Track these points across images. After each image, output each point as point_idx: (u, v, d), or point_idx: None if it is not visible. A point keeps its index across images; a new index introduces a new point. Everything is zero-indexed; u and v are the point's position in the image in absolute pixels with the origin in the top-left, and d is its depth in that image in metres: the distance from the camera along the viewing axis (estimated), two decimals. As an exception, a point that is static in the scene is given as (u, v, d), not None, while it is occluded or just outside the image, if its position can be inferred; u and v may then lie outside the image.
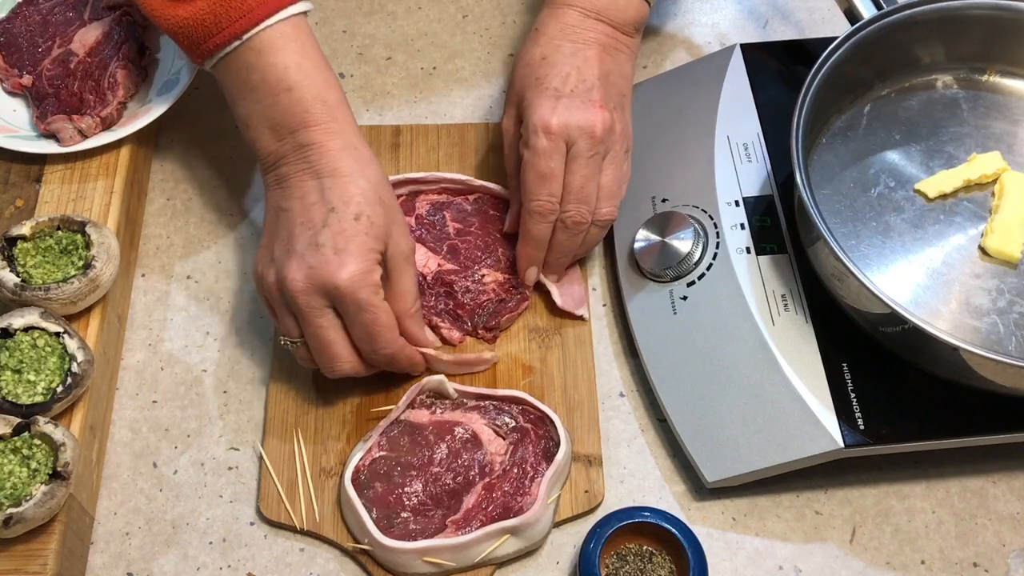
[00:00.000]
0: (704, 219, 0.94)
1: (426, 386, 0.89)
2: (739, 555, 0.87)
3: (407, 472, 0.86)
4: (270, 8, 0.85)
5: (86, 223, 0.89)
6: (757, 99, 0.99)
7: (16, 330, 0.84)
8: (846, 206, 0.92)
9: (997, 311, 0.86)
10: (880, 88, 0.98)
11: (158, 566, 0.86)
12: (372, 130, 1.05)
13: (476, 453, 0.87)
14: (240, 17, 0.84)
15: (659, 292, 0.93)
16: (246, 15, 0.84)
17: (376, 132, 1.05)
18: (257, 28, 0.85)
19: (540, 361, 0.94)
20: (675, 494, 0.89)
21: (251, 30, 0.85)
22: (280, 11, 0.85)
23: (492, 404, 0.90)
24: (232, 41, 0.85)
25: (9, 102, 1.01)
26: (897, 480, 0.90)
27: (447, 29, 1.15)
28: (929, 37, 0.96)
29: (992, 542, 0.87)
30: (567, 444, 0.87)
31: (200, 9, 0.85)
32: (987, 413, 0.85)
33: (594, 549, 0.82)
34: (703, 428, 0.88)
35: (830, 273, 0.85)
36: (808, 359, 0.86)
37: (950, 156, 0.94)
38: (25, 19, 1.02)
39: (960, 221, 0.91)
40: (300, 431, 0.90)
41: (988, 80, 0.98)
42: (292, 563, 0.86)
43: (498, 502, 0.85)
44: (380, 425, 0.88)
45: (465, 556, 0.83)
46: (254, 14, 0.85)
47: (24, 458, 0.80)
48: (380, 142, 1.04)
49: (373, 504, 0.85)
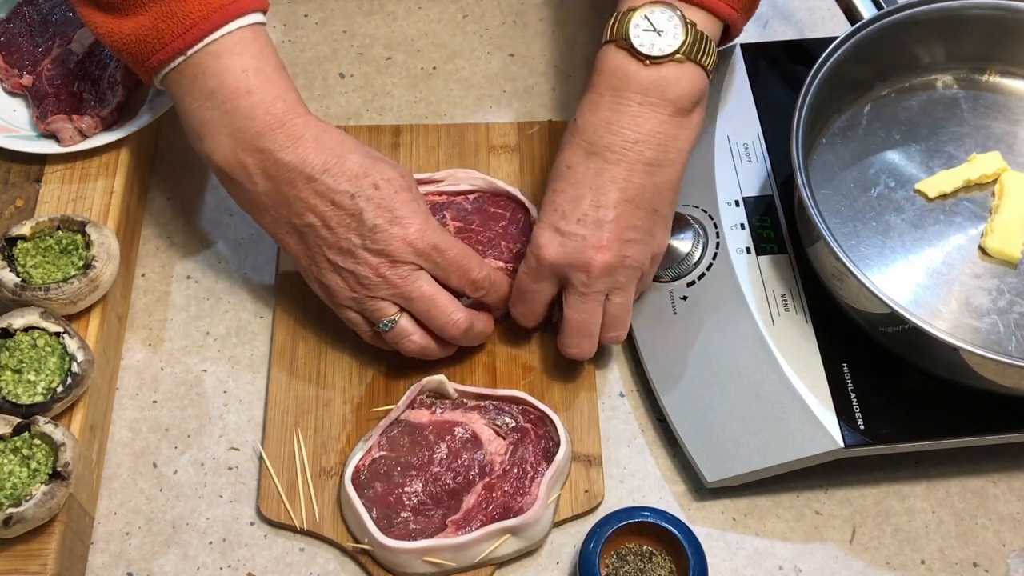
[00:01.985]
0: (704, 219, 0.94)
1: (426, 386, 0.89)
2: (739, 555, 0.87)
3: (407, 472, 0.86)
4: (214, 23, 0.83)
5: (86, 223, 0.89)
6: (757, 99, 0.99)
7: (16, 330, 0.84)
8: (846, 206, 0.92)
9: (997, 311, 0.86)
10: (880, 88, 0.98)
11: (158, 566, 0.86)
12: (372, 130, 1.05)
13: (476, 453, 0.87)
14: (184, 32, 0.82)
15: (659, 292, 0.93)
16: (190, 29, 0.82)
17: (376, 132, 1.05)
18: (201, 43, 0.83)
19: (540, 361, 0.94)
20: (675, 494, 0.89)
21: (195, 45, 0.83)
22: (225, 24, 0.83)
23: (492, 404, 0.90)
24: (176, 57, 0.83)
25: (9, 102, 1.01)
26: (897, 480, 0.90)
27: (447, 29, 1.15)
28: (929, 37, 0.96)
29: (992, 542, 0.87)
30: (567, 444, 0.87)
31: (142, 24, 0.83)
32: (987, 413, 0.85)
33: (594, 549, 0.82)
34: (703, 428, 0.88)
35: (830, 273, 0.85)
36: (808, 359, 0.86)
37: (950, 156, 0.94)
38: (25, 19, 1.02)
39: (960, 221, 0.91)
40: (300, 431, 0.90)
41: (988, 80, 0.98)
42: (292, 563, 0.86)
43: (498, 502, 0.85)
44: (380, 425, 0.88)
45: (465, 556, 0.83)
46: (197, 28, 0.82)
47: (24, 458, 0.80)
48: (380, 142, 1.04)
49: (373, 504, 0.85)
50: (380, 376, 0.93)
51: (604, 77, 0.85)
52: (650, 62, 0.83)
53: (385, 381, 0.92)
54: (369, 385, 0.92)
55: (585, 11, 1.16)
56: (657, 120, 0.84)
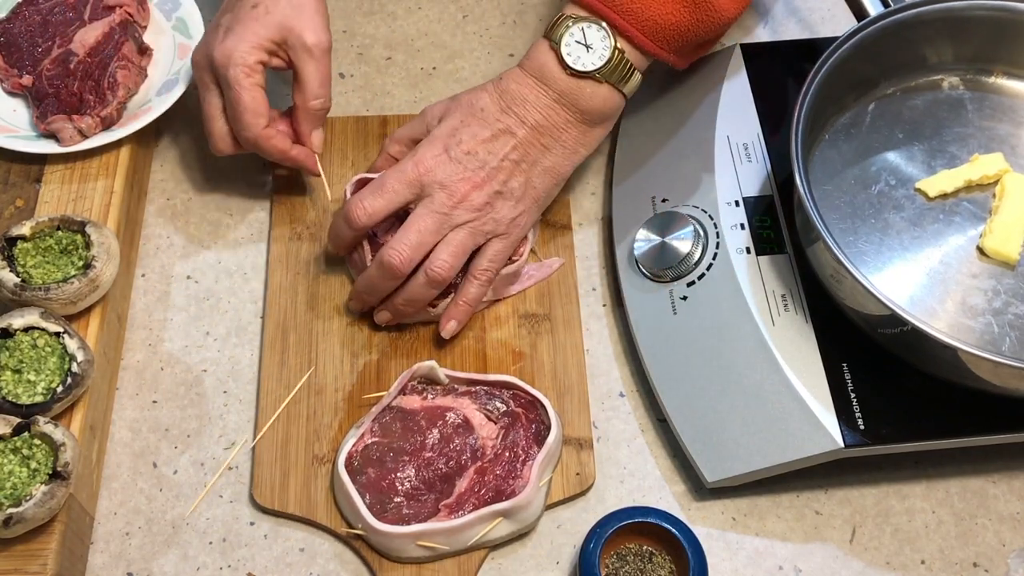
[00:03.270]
0: (704, 219, 0.94)
1: (417, 372, 0.90)
2: (739, 555, 0.87)
3: (400, 457, 0.87)
4: None
5: (86, 223, 0.89)
6: (757, 99, 0.99)
7: (16, 330, 0.84)
8: (846, 202, 0.91)
9: (992, 311, 0.86)
10: (886, 86, 0.98)
11: (158, 566, 0.86)
12: (360, 120, 1.06)
13: (468, 438, 0.88)
14: None
15: (659, 292, 0.93)
16: None
17: (363, 123, 1.06)
18: None
19: (530, 347, 0.94)
20: (675, 494, 0.89)
21: None
22: None
23: (483, 389, 0.90)
24: None
25: (9, 102, 1.01)
26: (897, 480, 0.90)
27: (447, 29, 1.15)
28: (936, 37, 0.96)
29: (992, 542, 0.87)
30: (558, 427, 0.87)
31: None
32: (987, 413, 0.85)
33: (594, 549, 0.82)
34: (703, 428, 0.88)
35: (829, 274, 0.85)
36: (808, 359, 0.86)
37: (952, 156, 0.94)
38: (25, 19, 1.02)
39: (959, 221, 0.90)
40: (292, 418, 0.90)
41: (994, 81, 0.98)
42: (292, 563, 0.86)
43: (490, 485, 0.85)
44: (372, 411, 0.88)
45: (458, 539, 0.84)
46: None
47: (24, 458, 0.80)
48: (368, 133, 1.05)
49: (366, 489, 0.85)
50: (371, 363, 0.93)
51: (533, 64, 0.91)
52: (570, 73, 0.89)
53: (376, 368, 0.93)
54: (360, 372, 0.93)
55: (585, 11, 1.16)
56: (564, 119, 0.91)
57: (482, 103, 0.91)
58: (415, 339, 0.95)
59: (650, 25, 0.89)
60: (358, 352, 0.94)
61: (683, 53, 0.92)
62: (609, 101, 0.91)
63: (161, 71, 1.03)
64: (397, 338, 0.95)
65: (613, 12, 0.88)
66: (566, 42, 0.89)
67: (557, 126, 0.91)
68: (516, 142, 0.90)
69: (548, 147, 0.91)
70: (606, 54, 0.89)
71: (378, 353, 0.94)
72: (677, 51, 0.91)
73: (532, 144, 0.91)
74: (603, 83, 0.90)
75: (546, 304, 0.96)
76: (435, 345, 0.94)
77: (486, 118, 0.91)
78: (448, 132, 0.91)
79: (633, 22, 0.88)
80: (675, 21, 0.89)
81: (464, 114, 0.91)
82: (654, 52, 0.90)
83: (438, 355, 0.93)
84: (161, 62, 1.03)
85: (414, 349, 0.94)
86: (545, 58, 0.90)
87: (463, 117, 0.91)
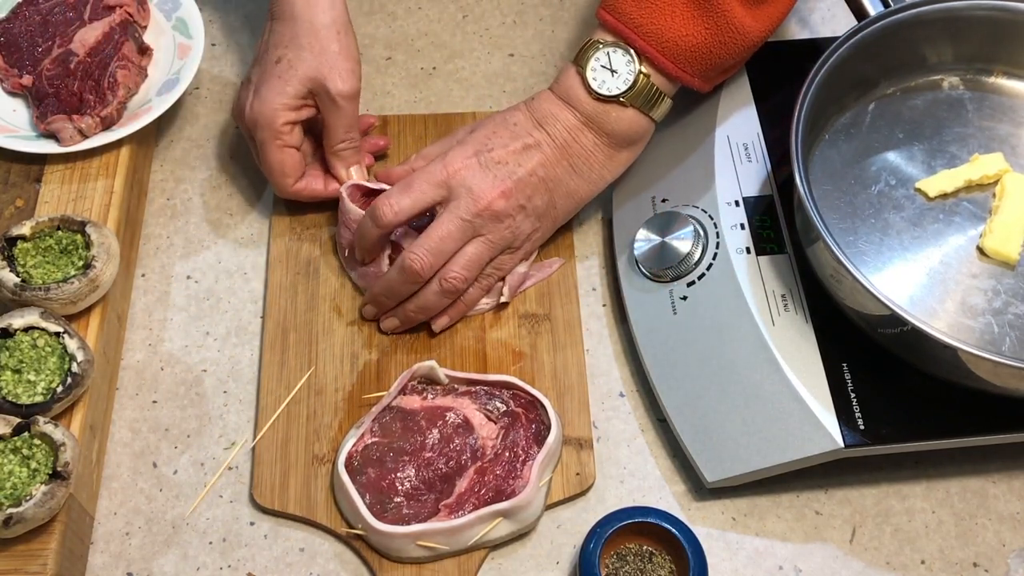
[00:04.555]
0: (704, 219, 0.94)
1: (417, 372, 0.90)
2: (739, 555, 0.87)
3: (400, 457, 0.87)
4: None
5: (86, 223, 0.89)
6: (757, 99, 0.99)
7: (16, 330, 0.84)
8: (846, 202, 0.91)
9: (992, 311, 0.86)
10: (886, 86, 0.98)
11: (158, 566, 0.86)
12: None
13: (468, 438, 0.88)
14: None
15: (659, 292, 0.93)
16: None
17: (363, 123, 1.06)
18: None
19: (530, 347, 0.94)
20: (675, 494, 0.89)
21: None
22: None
23: (483, 389, 0.90)
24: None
25: (9, 102, 1.01)
26: (897, 480, 0.90)
27: (447, 29, 1.15)
28: (936, 37, 0.96)
29: (992, 542, 0.87)
30: (558, 427, 0.88)
31: None
32: (987, 413, 0.84)
33: (594, 549, 0.82)
34: (703, 428, 0.88)
35: (829, 274, 0.85)
36: (808, 359, 0.86)
37: (953, 156, 0.94)
38: (25, 19, 1.02)
39: (959, 221, 0.90)
40: (292, 418, 0.90)
41: (994, 81, 0.98)
42: (292, 563, 0.86)
43: (490, 485, 0.85)
44: (372, 411, 0.89)
45: (458, 539, 0.84)
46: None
47: (24, 458, 0.80)
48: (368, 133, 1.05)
49: (366, 489, 0.85)
50: (371, 363, 0.93)
51: (561, 88, 0.93)
52: (595, 96, 0.91)
53: (376, 368, 0.93)
54: (360, 372, 0.93)
55: (585, 11, 1.16)
56: (592, 141, 0.92)
57: (515, 119, 0.93)
58: (415, 339, 0.95)
59: (671, 47, 0.89)
60: (358, 352, 0.94)
61: (708, 77, 0.93)
62: (635, 125, 0.92)
63: (161, 71, 1.03)
64: (397, 338, 0.95)
65: (634, 33, 0.89)
66: (592, 66, 0.91)
67: (584, 147, 0.92)
68: (544, 158, 0.91)
69: (574, 168, 0.93)
70: (631, 78, 0.90)
71: (378, 353, 0.94)
72: (701, 74, 0.92)
73: (559, 163, 0.92)
74: (628, 107, 0.91)
75: (546, 304, 0.96)
76: (435, 345, 0.94)
77: (517, 131, 0.92)
78: (480, 140, 0.92)
79: (654, 43, 0.89)
80: (696, 42, 0.89)
81: (496, 125, 0.93)
82: (677, 75, 0.91)
83: (438, 355, 0.93)
84: (161, 62, 1.03)
85: (414, 349, 0.94)
86: (572, 82, 0.92)
87: (495, 128, 0.92)
